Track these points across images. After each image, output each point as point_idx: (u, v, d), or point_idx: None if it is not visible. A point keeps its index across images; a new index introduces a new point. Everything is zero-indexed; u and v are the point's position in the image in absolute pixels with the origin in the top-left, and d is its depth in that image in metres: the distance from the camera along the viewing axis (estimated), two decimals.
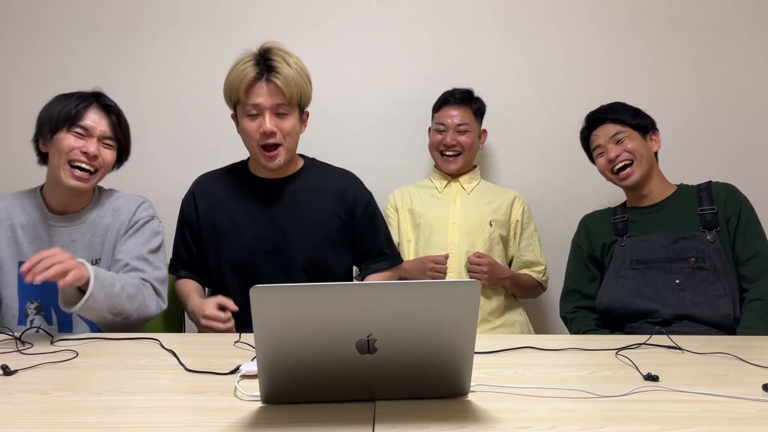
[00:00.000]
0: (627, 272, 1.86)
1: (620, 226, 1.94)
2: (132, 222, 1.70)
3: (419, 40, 2.42)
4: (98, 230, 1.69)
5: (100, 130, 1.66)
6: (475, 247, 2.14)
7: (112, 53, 2.42)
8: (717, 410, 1.04)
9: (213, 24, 2.41)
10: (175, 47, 2.42)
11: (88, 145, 1.63)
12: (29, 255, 1.60)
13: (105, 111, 1.67)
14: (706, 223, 1.83)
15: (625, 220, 1.94)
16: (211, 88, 2.42)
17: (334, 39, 2.42)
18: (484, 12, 2.42)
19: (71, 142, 1.63)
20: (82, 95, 1.68)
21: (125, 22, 2.41)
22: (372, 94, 2.44)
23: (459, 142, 2.20)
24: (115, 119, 1.68)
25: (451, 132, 2.20)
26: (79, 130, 1.64)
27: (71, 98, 1.67)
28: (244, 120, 1.71)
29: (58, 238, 1.66)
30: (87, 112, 1.65)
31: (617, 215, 1.97)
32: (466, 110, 2.22)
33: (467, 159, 2.24)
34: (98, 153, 1.64)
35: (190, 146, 2.43)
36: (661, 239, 1.85)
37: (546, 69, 2.43)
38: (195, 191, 1.87)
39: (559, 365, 1.28)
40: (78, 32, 2.41)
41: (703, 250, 1.80)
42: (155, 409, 1.05)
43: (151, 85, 2.43)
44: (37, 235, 1.66)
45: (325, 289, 0.98)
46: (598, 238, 1.97)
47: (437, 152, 2.24)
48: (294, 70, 1.68)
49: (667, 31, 2.40)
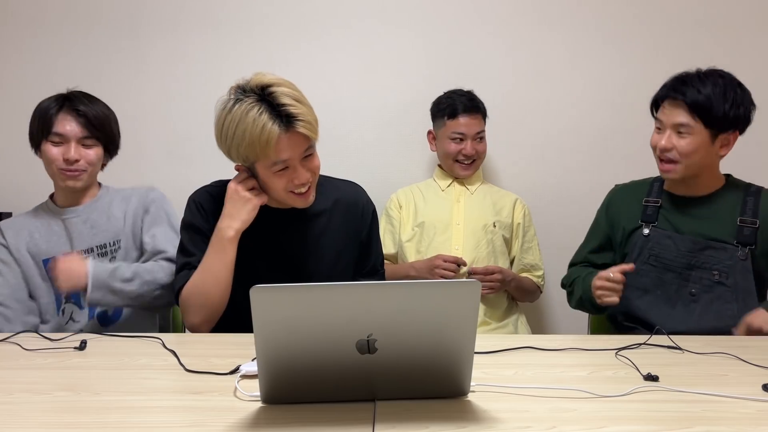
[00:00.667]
0: (642, 266, 1.72)
1: (650, 212, 1.75)
2: (148, 204, 1.78)
3: (419, 41, 2.42)
4: (113, 215, 1.78)
5: (74, 133, 1.70)
6: (479, 248, 2.14)
7: (113, 53, 2.42)
8: (717, 410, 1.04)
9: (213, 24, 2.41)
10: (175, 47, 2.42)
11: (67, 151, 1.69)
12: (50, 252, 1.75)
13: (74, 114, 1.70)
14: (742, 238, 1.65)
15: (658, 207, 1.75)
16: (211, 88, 2.40)
17: (333, 40, 2.42)
18: (484, 12, 2.42)
19: (53, 152, 1.70)
20: (55, 100, 1.72)
21: (125, 22, 2.41)
22: (372, 94, 2.44)
23: (477, 151, 2.20)
24: (84, 120, 1.71)
25: (470, 142, 2.18)
26: (55, 138, 1.70)
27: (44, 107, 1.72)
28: (271, 177, 1.51)
29: (74, 228, 1.76)
30: (57, 118, 1.70)
31: (651, 197, 1.78)
32: (479, 117, 2.21)
33: (479, 164, 2.27)
34: (78, 156, 1.70)
35: (190, 146, 2.43)
36: (688, 244, 1.68)
37: (546, 69, 2.42)
38: (201, 203, 1.63)
39: (559, 365, 1.28)
40: (78, 33, 2.41)
41: (729, 265, 1.65)
42: (155, 409, 1.05)
43: (151, 86, 2.43)
44: (53, 232, 1.76)
45: (325, 289, 0.98)
46: (620, 221, 1.80)
47: (453, 161, 2.22)
48: (305, 106, 1.49)
49: (668, 31, 2.40)
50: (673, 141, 1.65)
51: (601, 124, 2.42)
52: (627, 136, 2.37)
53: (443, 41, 2.42)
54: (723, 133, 1.64)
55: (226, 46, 2.41)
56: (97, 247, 1.76)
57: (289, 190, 1.53)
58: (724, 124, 1.62)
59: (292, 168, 1.50)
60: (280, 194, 1.54)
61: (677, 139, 1.65)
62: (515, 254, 2.25)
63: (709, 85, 1.62)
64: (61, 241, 1.76)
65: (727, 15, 2.38)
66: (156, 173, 2.43)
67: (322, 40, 2.41)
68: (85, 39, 2.41)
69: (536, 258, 2.25)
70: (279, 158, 1.47)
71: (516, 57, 2.43)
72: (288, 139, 1.46)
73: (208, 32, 2.41)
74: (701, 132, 1.63)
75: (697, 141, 1.63)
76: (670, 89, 1.67)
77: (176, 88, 2.43)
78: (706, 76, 1.65)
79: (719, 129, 1.63)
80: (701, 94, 1.61)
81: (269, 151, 1.45)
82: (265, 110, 1.44)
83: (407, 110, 2.37)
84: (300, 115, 1.45)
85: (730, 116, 1.62)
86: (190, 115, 2.43)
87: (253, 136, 1.44)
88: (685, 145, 1.64)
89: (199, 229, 1.59)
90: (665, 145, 1.66)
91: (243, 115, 1.44)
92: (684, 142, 1.64)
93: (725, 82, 1.64)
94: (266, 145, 1.44)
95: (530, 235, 2.26)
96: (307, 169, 1.52)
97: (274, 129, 1.43)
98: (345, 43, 2.42)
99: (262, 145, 1.44)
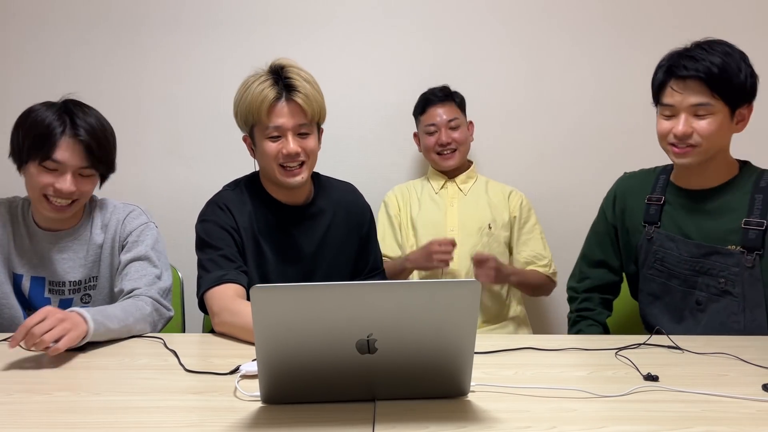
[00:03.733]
0: (650, 270, 1.64)
1: (653, 211, 1.61)
2: (124, 237, 1.64)
3: (418, 40, 2.42)
4: (92, 247, 1.64)
5: (73, 162, 1.52)
6: (475, 251, 2.12)
7: (113, 53, 2.41)
8: (717, 410, 1.04)
9: (214, 25, 2.41)
10: (176, 48, 2.42)
11: (62, 182, 1.50)
12: (22, 269, 1.61)
13: (76, 140, 1.51)
14: (748, 242, 1.47)
15: (661, 205, 1.60)
16: (212, 88, 2.43)
17: (333, 39, 2.42)
18: (483, 12, 2.42)
19: (44, 180, 1.51)
20: (58, 118, 1.51)
21: (126, 22, 2.41)
22: (372, 94, 2.44)
23: (453, 138, 2.18)
24: (87, 147, 1.52)
25: (444, 130, 2.18)
26: (50, 165, 1.50)
27: (41, 123, 1.50)
28: (264, 142, 1.59)
29: (49, 256, 1.60)
30: (58, 145, 1.49)
31: (655, 193, 1.63)
32: (451, 105, 2.21)
33: (463, 153, 2.23)
34: (74, 188, 1.52)
35: (190, 146, 2.43)
36: (692, 249, 1.54)
37: (546, 69, 2.42)
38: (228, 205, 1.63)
39: (559, 365, 1.28)
40: (79, 32, 2.41)
41: (736, 273, 1.49)
42: (155, 409, 1.05)
43: (152, 85, 2.43)
44: (27, 250, 1.61)
45: (325, 288, 0.98)
46: (626, 216, 1.69)
47: (433, 154, 2.22)
48: (312, 87, 1.59)
49: (668, 31, 2.40)
50: (692, 124, 1.47)
51: (601, 124, 2.42)
52: (627, 135, 2.37)
53: (443, 41, 2.42)
54: (741, 107, 1.48)
55: (226, 46, 2.41)
56: (69, 283, 1.63)
57: (279, 163, 1.60)
58: (743, 96, 1.47)
59: (285, 138, 1.58)
60: (270, 164, 1.61)
61: (696, 121, 1.47)
62: (513, 247, 2.20)
63: (718, 55, 1.45)
64: (33, 262, 1.61)
65: (728, 15, 2.38)
66: (156, 173, 2.43)
67: (322, 39, 2.41)
68: (86, 39, 2.41)
69: (539, 247, 2.17)
70: (272, 123, 1.56)
71: (516, 57, 2.42)
72: (283, 108, 1.56)
73: (208, 32, 2.41)
74: (722, 109, 1.46)
75: (719, 120, 1.46)
76: (676, 67, 1.48)
77: (176, 88, 2.42)
78: (711, 46, 1.47)
79: (738, 103, 1.47)
80: (715, 66, 1.43)
81: (262, 115, 1.56)
82: (270, 79, 1.57)
83: (407, 110, 2.36)
84: (300, 88, 1.57)
85: (748, 86, 1.46)
86: (190, 115, 2.42)
87: (252, 97, 1.56)
88: (707, 126, 1.46)
89: (228, 230, 1.59)
90: (684, 131, 1.47)
91: (251, 83, 1.58)
92: (704, 123, 1.46)
93: (732, 50, 1.48)
94: (261, 106, 1.55)
95: (530, 226, 2.20)
96: (299, 144, 1.59)
97: (271, 93, 1.55)
98: (345, 42, 2.42)
99: (257, 105, 1.55)
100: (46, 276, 1.62)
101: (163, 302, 1.57)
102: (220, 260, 1.54)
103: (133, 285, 1.55)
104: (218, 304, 1.47)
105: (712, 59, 1.44)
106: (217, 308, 1.47)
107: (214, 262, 1.54)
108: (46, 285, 1.63)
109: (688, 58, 1.47)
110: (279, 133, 1.58)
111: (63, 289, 1.63)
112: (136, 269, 1.59)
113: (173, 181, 2.41)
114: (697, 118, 1.47)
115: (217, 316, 1.47)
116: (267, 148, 1.59)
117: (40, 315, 1.24)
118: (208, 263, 1.55)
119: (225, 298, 1.47)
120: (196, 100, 2.41)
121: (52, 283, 1.63)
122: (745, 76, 1.45)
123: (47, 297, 1.63)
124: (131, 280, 1.57)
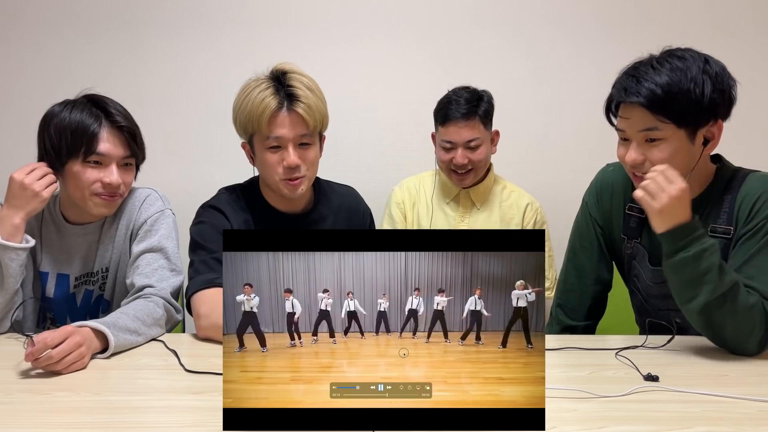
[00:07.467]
0: (630, 285, 1.56)
1: (633, 224, 1.47)
2: (139, 225, 1.59)
3: (419, 40, 2.42)
4: (114, 238, 1.61)
5: (117, 153, 1.51)
6: None
7: (113, 53, 2.42)
8: (717, 410, 1.04)
9: (214, 26, 2.41)
10: (177, 48, 2.42)
11: (108, 175, 1.49)
12: (47, 266, 1.60)
13: (118, 131, 1.50)
14: None
15: (642, 219, 1.45)
16: (212, 88, 2.43)
17: (333, 39, 2.42)
18: (484, 12, 2.42)
19: (90, 176, 1.49)
20: (87, 114, 1.48)
21: (127, 22, 2.41)
22: (372, 94, 2.44)
23: (470, 159, 2.00)
24: (129, 133, 1.52)
25: (461, 150, 1.99)
26: (95, 158, 1.49)
27: (73, 121, 1.47)
28: (264, 153, 1.54)
29: (78, 250, 1.59)
30: (99, 137, 1.48)
31: (634, 205, 1.47)
32: (473, 122, 1.98)
33: (480, 172, 2.08)
34: (120, 181, 1.51)
35: (190, 146, 2.43)
36: (660, 275, 1.40)
37: (546, 69, 2.43)
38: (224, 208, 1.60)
39: (559, 365, 1.28)
40: (80, 32, 2.41)
41: None
42: (155, 409, 1.05)
43: (152, 85, 2.43)
44: (54, 246, 1.60)
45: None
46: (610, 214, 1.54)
47: (448, 169, 2.07)
48: (315, 95, 1.53)
49: (668, 31, 2.40)
50: (645, 152, 1.31)
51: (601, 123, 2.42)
52: None
53: (443, 41, 2.42)
54: (702, 127, 1.29)
55: (227, 48, 2.41)
56: (95, 273, 1.62)
57: (280, 177, 1.54)
58: (699, 116, 1.27)
59: (285, 149, 1.53)
60: (271, 176, 1.56)
61: (647, 148, 1.31)
62: None
63: (665, 73, 1.26)
64: (61, 258, 1.59)
65: (728, 15, 2.38)
66: (156, 173, 2.42)
67: (323, 40, 2.42)
68: (88, 39, 2.41)
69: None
70: (272, 134, 1.51)
71: (516, 57, 2.43)
72: (285, 118, 1.50)
73: (209, 33, 2.41)
74: (674, 133, 1.28)
75: (674, 145, 1.29)
76: (621, 90, 1.32)
77: (177, 89, 2.43)
78: (660, 62, 1.29)
79: (695, 124, 1.28)
80: (659, 88, 1.25)
81: (263, 125, 1.50)
82: (271, 87, 1.51)
83: (408, 110, 2.37)
84: (302, 97, 1.50)
85: (705, 105, 1.26)
86: (190, 116, 2.43)
87: (253, 105, 1.50)
88: (659, 154, 1.29)
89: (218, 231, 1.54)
90: (635, 159, 1.32)
91: (252, 89, 1.52)
92: (657, 151, 1.29)
93: (686, 64, 1.27)
94: (261, 116, 1.49)
95: None
96: (300, 156, 1.53)
97: (272, 102, 1.49)
98: (346, 43, 2.42)
99: (257, 115, 1.49)
100: (70, 273, 1.60)
101: (174, 303, 1.53)
102: (212, 263, 1.50)
103: (144, 281, 1.51)
104: (207, 308, 1.42)
105: (656, 79, 1.27)
106: (204, 311, 1.43)
107: (206, 265, 1.50)
108: (71, 281, 1.61)
109: (632, 79, 1.31)
110: (279, 144, 1.52)
111: (90, 279, 1.62)
112: (148, 262, 1.54)
113: (173, 181, 2.41)
114: (649, 144, 1.31)
115: (203, 319, 1.42)
116: (267, 158, 1.54)
117: (60, 336, 1.19)
118: (199, 265, 1.51)
119: (213, 302, 1.41)
120: (196, 100, 2.41)
121: (78, 278, 1.61)
122: (701, 93, 1.25)
123: (72, 293, 1.62)
124: (142, 275, 1.52)
